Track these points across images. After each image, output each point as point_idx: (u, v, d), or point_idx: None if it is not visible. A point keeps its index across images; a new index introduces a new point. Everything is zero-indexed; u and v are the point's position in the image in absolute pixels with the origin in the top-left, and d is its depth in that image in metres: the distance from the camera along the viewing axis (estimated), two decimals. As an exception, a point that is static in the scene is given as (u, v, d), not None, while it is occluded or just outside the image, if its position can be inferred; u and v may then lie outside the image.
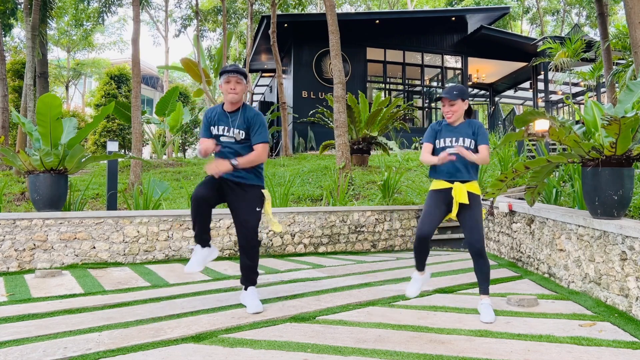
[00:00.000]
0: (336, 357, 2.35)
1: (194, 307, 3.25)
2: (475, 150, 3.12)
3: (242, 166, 3.05)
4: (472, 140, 3.13)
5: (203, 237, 3.21)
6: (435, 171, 3.20)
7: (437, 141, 3.20)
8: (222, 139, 3.13)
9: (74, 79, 31.81)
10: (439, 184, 3.16)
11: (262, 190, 3.25)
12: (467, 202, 3.04)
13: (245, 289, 3.28)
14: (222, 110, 3.20)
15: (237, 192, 3.15)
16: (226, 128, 3.13)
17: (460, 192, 3.03)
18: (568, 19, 33.25)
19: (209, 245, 3.26)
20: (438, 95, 3.46)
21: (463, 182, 3.10)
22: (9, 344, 2.52)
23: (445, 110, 3.18)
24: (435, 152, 3.21)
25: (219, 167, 2.98)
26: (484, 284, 3.09)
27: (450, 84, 3.63)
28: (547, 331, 2.72)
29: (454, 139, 3.13)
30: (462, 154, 3.02)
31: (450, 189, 3.10)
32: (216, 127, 3.16)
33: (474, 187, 3.11)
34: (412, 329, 2.79)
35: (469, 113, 3.25)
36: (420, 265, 3.28)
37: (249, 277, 3.26)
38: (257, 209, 3.19)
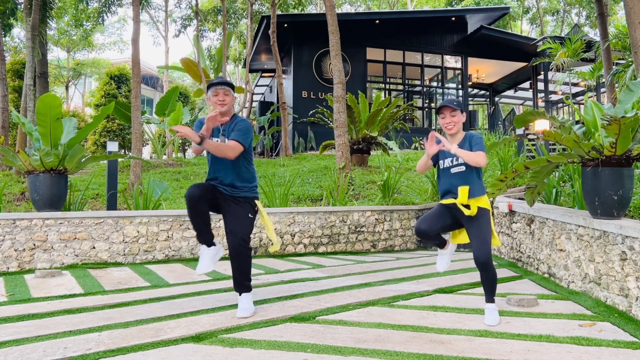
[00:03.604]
0: (336, 357, 2.35)
1: (194, 307, 3.25)
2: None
3: (207, 145, 2.95)
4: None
5: (205, 237, 3.19)
6: (441, 191, 3.14)
7: (440, 162, 3.13)
8: None
9: (74, 79, 31.80)
10: (445, 200, 3.10)
11: (256, 201, 3.23)
12: (465, 201, 2.96)
13: (239, 294, 3.19)
14: None
15: (228, 203, 3.14)
16: (216, 139, 3.17)
17: (463, 195, 2.95)
18: (568, 19, 33.26)
19: (214, 244, 3.25)
20: (439, 106, 3.24)
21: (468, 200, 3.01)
22: (9, 344, 2.52)
23: (446, 121, 3.04)
24: (437, 169, 3.19)
25: (184, 131, 2.80)
26: (489, 294, 3.00)
27: (447, 99, 3.42)
28: (547, 331, 2.72)
29: (454, 158, 3.03)
30: (458, 154, 2.89)
31: (456, 203, 3.01)
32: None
33: (480, 201, 3.00)
34: (412, 329, 2.79)
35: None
36: (440, 244, 3.26)
37: (242, 285, 3.17)
38: (250, 216, 3.15)
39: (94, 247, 5.06)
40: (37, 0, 11.35)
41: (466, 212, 2.95)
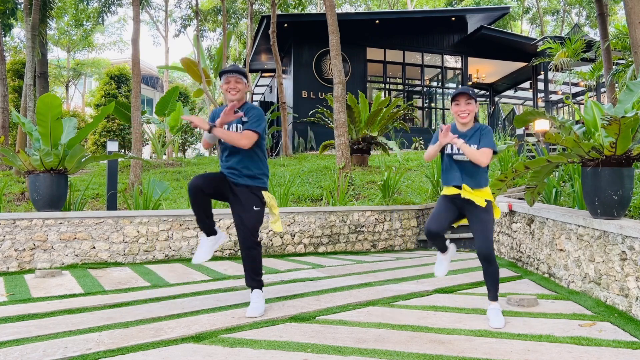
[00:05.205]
0: (336, 357, 2.35)
1: (194, 307, 3.25)
2: None
3: (218, 133, 2.98)
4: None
5: (205, 224, 3.21)
6: (445, 178, 3.12)
7: (447, 146, 3.07)
8: None
9: (74, 79, 31.80)
10: (449, 190, 3.08)
11: (263, 192, 3.21)
12: (474, 199, 2.94)
13: (251, 290, 3.21)
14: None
15: (235, 192, 3.16)
16: (226, 126, 3.16)
17: (468, 191, 2.96)
18: (568, 19, 33.26)
19: (215, 233, 3.27)
20: (454, 94, 3.05)
21: (472, 189, 3.01)
22: (9, 344, 2.52)
23: (461, 109, 2.98)
24: (442, 157, 3.12)
25: (195, 120, 2.95)
26: (492, 289, 2.97)
27: (462, 86, 3.27)
28: (547, 331, 2.72)
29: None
30: (463, 149, 2.88)
31: (460, 194, 3.01)
32: None
33: (484, 193, 3.00)
34: (412, 329, 2.79)
35: (476, 118, 3.19)
36: (442, 249, 3.23)
37: (251, 279, 3.18)
38: (255, 208, 3.13)
39: (94, 247, 5.06)
40: (37, 0, 11.35)
41: (477, 201, 2.92)
